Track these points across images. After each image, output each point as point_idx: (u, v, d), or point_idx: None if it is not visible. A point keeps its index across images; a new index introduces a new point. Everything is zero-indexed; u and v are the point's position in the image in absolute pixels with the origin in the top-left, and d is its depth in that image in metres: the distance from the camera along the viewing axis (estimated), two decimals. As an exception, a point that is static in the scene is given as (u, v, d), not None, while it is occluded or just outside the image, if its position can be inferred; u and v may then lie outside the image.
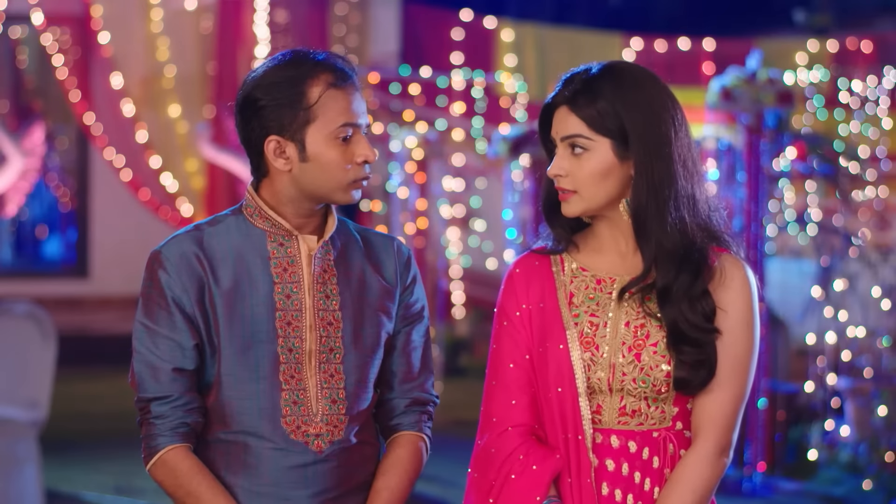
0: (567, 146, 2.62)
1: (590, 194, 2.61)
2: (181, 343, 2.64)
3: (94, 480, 7.31)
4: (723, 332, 2.60)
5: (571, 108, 2.61)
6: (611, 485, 2.63)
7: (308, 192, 2.68)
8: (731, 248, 2.66)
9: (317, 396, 2.68)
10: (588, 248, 2.70)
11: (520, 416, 2.64)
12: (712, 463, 2.61)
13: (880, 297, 7.98)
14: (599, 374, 2.62)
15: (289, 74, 2.64)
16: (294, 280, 2.69)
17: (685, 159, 2.61)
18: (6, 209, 13.42)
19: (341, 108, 2.65)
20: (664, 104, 2.61)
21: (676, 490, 2.59)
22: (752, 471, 7.29)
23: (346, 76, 2.66)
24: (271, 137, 2.65)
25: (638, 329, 2.62)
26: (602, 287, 2.67)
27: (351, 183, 2.67)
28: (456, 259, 11.34)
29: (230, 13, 10.94)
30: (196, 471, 2.64)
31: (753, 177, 7.40)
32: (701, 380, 2.59)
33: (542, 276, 2.69)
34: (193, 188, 10.90)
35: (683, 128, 2.63)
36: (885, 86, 9.09)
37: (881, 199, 8.68)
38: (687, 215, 2.60)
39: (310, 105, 2.63)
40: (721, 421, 2.61)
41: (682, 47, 11.59)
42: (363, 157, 2.66)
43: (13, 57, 13.72)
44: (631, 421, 2.63)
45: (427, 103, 11.70)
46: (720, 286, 2.62)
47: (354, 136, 2.67)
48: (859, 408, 7.57)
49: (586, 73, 2.63)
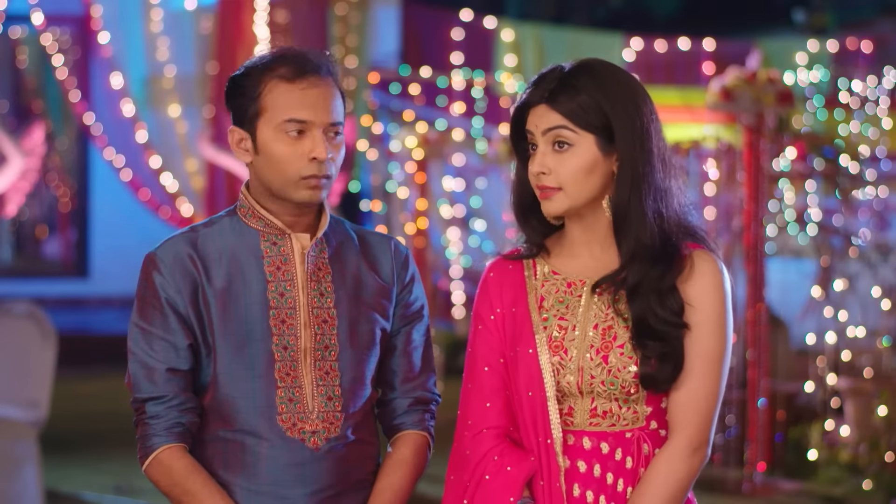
0: (549, 143, 2.59)
1: (575, 191, 2.58)
2: (175, 343, 2.65)
3: (94, 480, 7.32)
4: (691, 327, 2.57)
5: (551, 106, 2.58)
6: (582, 486, 2.61)
7: (266, 187, 2.69)
8: (707, 244, 2.64)
9: (312, 394, 2.67)
10: (561, 252, 2.68)
11: (495, 418, 2.64)
12: (685, 459, 2.57)
13: (880, 297, 7.98)
14: (569, 378, 2.60)
15: (255, 68, 2.67)
16: (287, 278, 2.69)
17: (663, 153, 2.60)
18: (6, 209, 13.42)
19: (288, 103, 2.63)
20: (643, 98, 2.60)
21: (649, 488, 2.57)
22: (752, 471, 7.28)
23: (302, 71, 2.64)
24: (233, 128, 2.70)
25: (606, 331, 2.60)
26: (572, 290, 2.65)
27: (301, 179, 2.65)
28: (456, 259, 11.34)
29: (230, 13, 10.92)
30: (192, 469, 2.64)
31: (753, 177, 7.39)
32: (667, 375, 2.56)
33: (514, 281, 2.68)
34: (193, 188, 10.89)
35: (657, 122, 2.62)
36: (885, 86, 9.09)
37: (881, 199, 8.68)
38: (664, 210, 2.59)
39: (257, 96, 2.65)
40: (693, 417, 2.58)
41: (682, 47, 11.58)
42: (312, 153, 2.64)
43: (13, 57, 13.72)
44: (603, 422, 2.61)
45: (427, 103, 11.70)
46: (688, 281, 2.59)
47: (309, 132, 2.65)
48: (859, 408, 7.56)
49: (560, 70, 2.62)
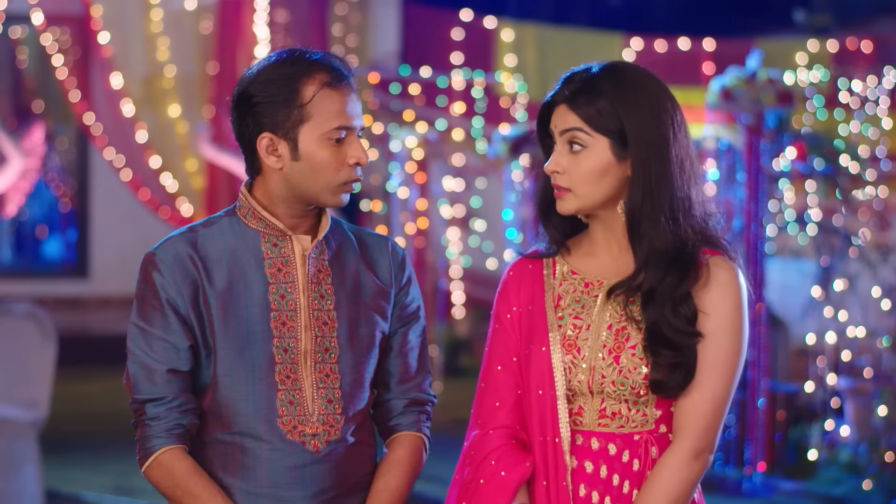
0: (565, 143, 2.61)
1: (585, 192, 2.60)
2: (176, 344, 2.64)
3: (94, 480, 7.31)
4: (704, 335, 2.58)
5: (571, 107, 2.60)
6: (588, 486, 2.62)
7: (298, 192, 2.67)
8: (727, 252, 2.64)
9: (313, 396, 2.67)
10: (581, 252, 2.70)
11: (503, 418, 2.65)
12: (688, 464, 2.58)
13: (880, 297, 7.98)
14: (580, 377, 2.61)
15: (284, 72, 2.64)
16: (288, 280, 2.68)
17: (683, 161, 2.60)
18: (6, 209, 13.41)
19: (336, 110, 2.64)
20: (664, 105, 2.60)
21: (652, 492, 2.58)
22: (752, 471, 7.28)
23: (341, 77, 2.65)
24: (264, 134, 2.65)
25: (619, 332, 2.61)
26: (589, 290, 2.66)
27: (341, 185, 2.66)
28: (456, 259, 11.33)
29: (230, 13, 10.92)
30: (193, 471, 2.64)
31: (753, 177, 7.39)
32: (677, 382, 2.57)
33: (532, 280, 2.70)
34: (193, 188, 10.88)
35: (682, 130, 2.62)
36: (885, 86, 9.08)
37: (881, 199, 8.67)
38: (681, 217, 2.59)
39: (303, 104, 2.62)
40: (699, 422, 2.58)
41: (682, 47, 11.58)
42: (355, 158, 2.65)
43: (13, 57, 13.71)
44: (611, 423, 2.62)
45: (427, 103, 11.70)
46: (703, 289, 2.59)
47: (348, 137, 2.66)
48: (859, 408, 7.56)
49: (587, 72, 2.63)
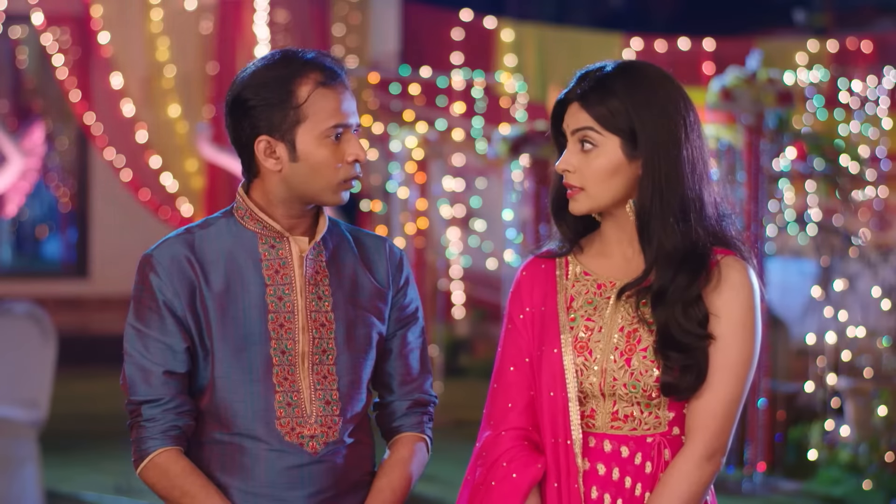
0: (577, 142, 2.60)
1: (596, 192, 2.59)
2: (172, 346, 2.63)
3: (94, 480, 7.32)
4: (716, 337, 2.57)
5: (583, 106, 2.59)
6: (601, 489, 2.62)
7: (298, 193, 2.66)
8: (740, 252, 2.62)
9: (310, 398, 2.67)
10: (593, 252, 2.69)
11: (515, 419, 2.64)
12: (700, 466, 2.57)
13: (880, 297, 7.98)
14: (592, 379, 2.61)
15: (278, 74, 2.63)
16: (286, 282, 2.68)
17: (695, 162, 2.59)
18: (6, 209, 13.42)
19: (332, 108, 2.63)
20: (676, 106, 2.59)
21: (664, 495, 2.57)
22: (752, 471, 7.29)
23: (335, 75, 2.65)
24: (261, 137, 2.64)
25: (631, 334, 2.60)
26: (602, 291, 2.65)
27: (341, 183, 2.66)
28: (456, 259, 11.33)
29: (230, 13, 10.94)
30: (189, 471, 2.63)
31: (753, 177, 7.39)
32: (688, 385, 2.56)
33: (545, 280, 2.69)
34: (193, 188, 10.89)
35: (696, 130, 2.60)
36: (885, 86, 9.09)
37: (881, 199, 8.68)
38: (692, 218, 2.57)
39: (299, 105, 2.62)
40: (711, 424, 2.57)
41: (682, 47, 11.59)
42: (354, 155, 2.65)
43: (13, 57, 13.71)
44: (624, 426, 2.61)
45: (427, 103, 11.71)
46: (715, 290, 2.58)
47: (345, 134, 2.65)
48: (859, 408, 7.56)
49: (600, 70, 2.62)
